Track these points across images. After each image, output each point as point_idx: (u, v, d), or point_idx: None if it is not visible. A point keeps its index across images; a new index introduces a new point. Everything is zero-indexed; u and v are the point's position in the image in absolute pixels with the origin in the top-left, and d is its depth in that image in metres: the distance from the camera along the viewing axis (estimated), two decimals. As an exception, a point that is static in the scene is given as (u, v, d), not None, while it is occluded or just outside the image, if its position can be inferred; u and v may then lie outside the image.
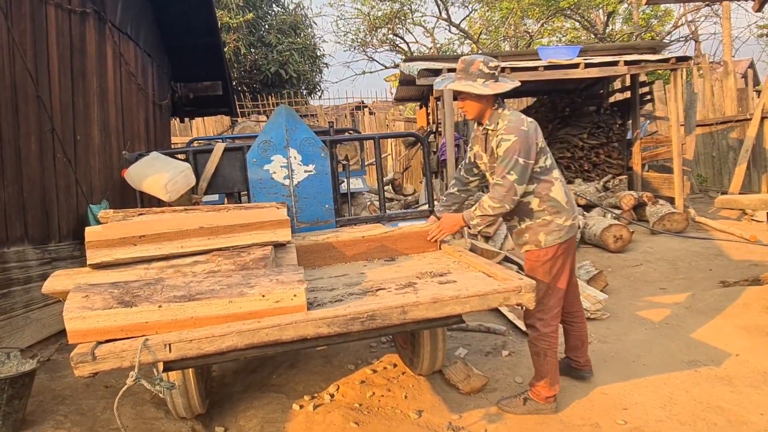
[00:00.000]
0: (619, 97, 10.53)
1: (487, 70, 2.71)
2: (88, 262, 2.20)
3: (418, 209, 3.53)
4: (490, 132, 2.82)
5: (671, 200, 7.94)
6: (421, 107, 11.85)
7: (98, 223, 3.91)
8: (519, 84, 2.88)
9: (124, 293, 1.93)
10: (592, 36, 19.54)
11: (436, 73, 7.60)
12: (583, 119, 9.70)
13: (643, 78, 9.41)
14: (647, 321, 4.21)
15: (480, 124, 2.91)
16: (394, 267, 2.72)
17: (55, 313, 3.68)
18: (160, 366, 2.15)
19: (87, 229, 2.26)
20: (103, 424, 2.84)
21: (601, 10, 19.20)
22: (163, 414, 2.97)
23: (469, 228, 2.84)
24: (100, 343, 1.87)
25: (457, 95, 2.87)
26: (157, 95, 6.60)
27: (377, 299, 2.12)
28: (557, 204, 2.78)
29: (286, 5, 18.05)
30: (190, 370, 2.67)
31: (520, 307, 2.10)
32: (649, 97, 9.70)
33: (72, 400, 3.06)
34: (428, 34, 22.87)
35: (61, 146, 4.02)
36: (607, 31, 19.35)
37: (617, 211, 7.62)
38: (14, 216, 3.46)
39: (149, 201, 3.56)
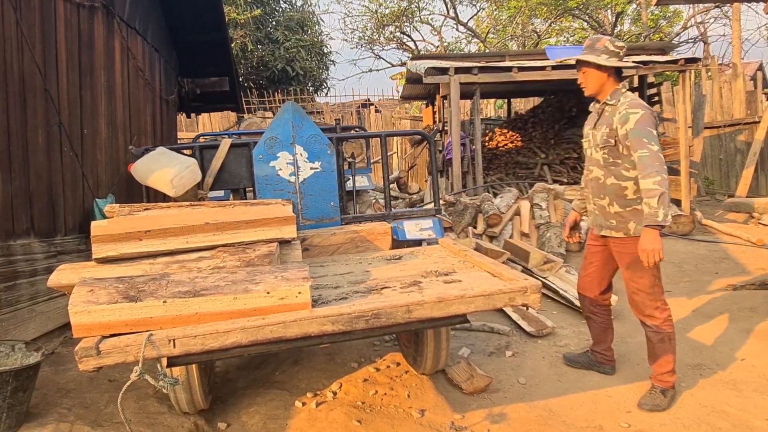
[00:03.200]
0: (626, 98, 10.46)
1: (612, 48, 2.84)
2: (93, 257, 2.21)
3: (424, 208, 3.52)
4: (608, 108, 2.91)
5: (678, 202, 7.89)
6: (427, 105, 11.84)
7: (104, 217, 3.93)
8: (636, 65, 3.01)
9: (129, 288, 1.93)
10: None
11: (443, 71, 7.59)
12: (591, 120, 9.65)
13: (651, 79, 9.36)
14: (652, 323, 4.18)
15: (596, 101, 3.02)
16: (399, 265, 2.71)
17: (60, 307, 3.69)
18: (164, 361, 2.16)
19: (93, 223, 2.26)
20: (106, 418, 2.84)
21: (609, 11, 19.10)
22: (167, 409, 2.98)
23: (663, 227, 2.64)
24: (104, 337, 1.87)
25: (579, 68, 2.96)
26: (164, 90, 6.61)
27: (382, 298, 2.12)
28: None
29: (293, 2, 18.03)
30: (194, 365, 2.67)
31: (525, 308, 2.09)
32: (657, 98, 9.65)
33: (76, 393, 3.07)
34: (435, 33, 22.81)
35: (69, 140, 4.03)
36: (615, 31, 19.24)
37: (623, 213, 7.58)
38: (21, 209, 3.47)
39: (155, 196, 3.57)
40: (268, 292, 1.93)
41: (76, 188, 4.19)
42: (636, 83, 9.87)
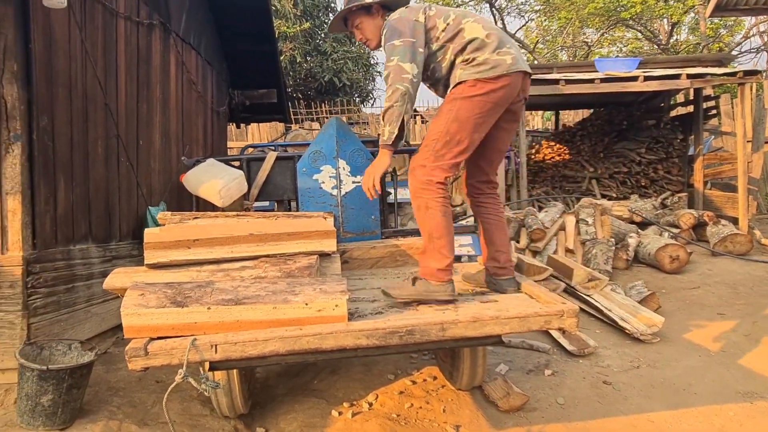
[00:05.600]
0: (681, 110, 10.14)
1: None
2: (145, 262, 2.33)
3: (464, 224, 3.53)
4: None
5: (735, 220, 7.55)
6: (472, 117, 11.77)
7: (156, 224, 4.11)
8: None
9: (177, 294, 2.03)
10: (655, 46, 18.89)
11: (489, 84, 7.55)
12: (642, 133, 9.39)
13: (708, 91, 9.04)
14: (701, 347, 4.02)
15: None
16: (436, 281, 2.71)
17: (113, 309, 3.88)
18: (206, 365, 2.25)
19: (146, 231, 2.39)
20: (152, 417, 2.96)
21: (665, 20, 18.54)
22: (209, 411, 3.08)
23: (388, 145, 2.37)
24: (152, 339, 1.97)
25: (353, 29, 2.67)
26: (215, 102, 6.86)
27: (417, 314, 2.14)
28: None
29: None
30: (235, 370, 2.76)
31: (561, 331, 2.07)
32: (714, 111, 9.30)
33: (125, 392, 3.21)
34: (483, 44, 22.68)
35: (125, 151, 4.25)
36: (671, 41, 18.66)
37: (675, 230, 7.32)
38: (80, 216, 3.68)
39: (204, 205, 3.72)
40: (306, 304, 1.99)
41: (131, 196, 4.41)
42: (692, 96, 9.55)
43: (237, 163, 3.54)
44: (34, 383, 2.67)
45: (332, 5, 17.56)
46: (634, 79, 7.32)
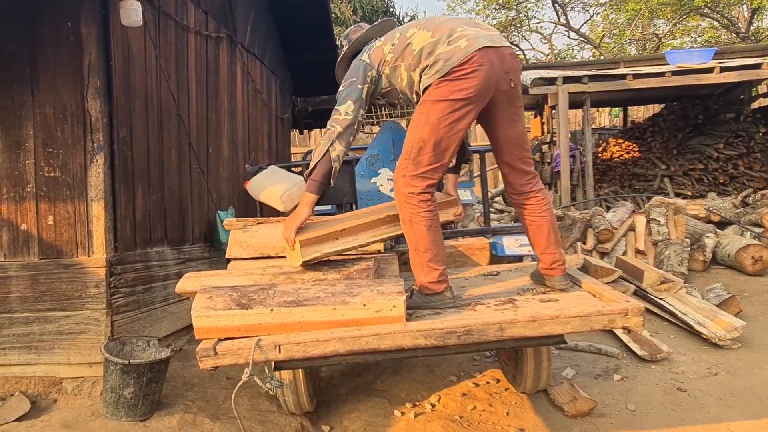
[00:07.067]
0: (764, 102, 9.50)
1: (344, 41, 2.85)
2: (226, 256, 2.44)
3: (525, 223, 3.46)
4: None
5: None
6: (535, 116, 11.53)
7: (224, 229, 4.30)
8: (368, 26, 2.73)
9: (242, 296, 2.12)
10: (734, 35, 17.72)
11: (551, 81, 7.39)
12: (720, 127, 8.87)
13: (794, 80, 8.41)
14: (788, 354, 3.75)
15: None
16: (496, 282, 2.70)
17: (187, 308, 4.05)
18: (272, 364, 2.33)
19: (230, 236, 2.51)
20: (224, 412, 3.11)
21: (744, 6, 17.35)
22: (276, 408, 3.19)
23: (311, 189, 2.43)
24: (220, 340, 2.07)
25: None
26: (279, 109, 7.09)
27: (475, 314, 2.13)
28: None
29: (402, 19, 18.44)
30: (300, 369, 2.84)
31: (626, 331, 2.00)
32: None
33: (199, 387, 3.39)
34: (545, 41, 22.15)
35: (196, 158, 4.48)
36: (751, 29, 17.44)
37: (758, 230, 6.84)
38: (157, 220, 3.92)
39: (269, 210, 3.86)
40: (364, 305, 2.03)
41: (202, 201, 4.64)
42: (775, 85, 8.92)
43: (299, 168, 3.65)
44: (118, 376, 2.87)
45: (391, 10, 17.70)
46: (710, 70, 6.93)
